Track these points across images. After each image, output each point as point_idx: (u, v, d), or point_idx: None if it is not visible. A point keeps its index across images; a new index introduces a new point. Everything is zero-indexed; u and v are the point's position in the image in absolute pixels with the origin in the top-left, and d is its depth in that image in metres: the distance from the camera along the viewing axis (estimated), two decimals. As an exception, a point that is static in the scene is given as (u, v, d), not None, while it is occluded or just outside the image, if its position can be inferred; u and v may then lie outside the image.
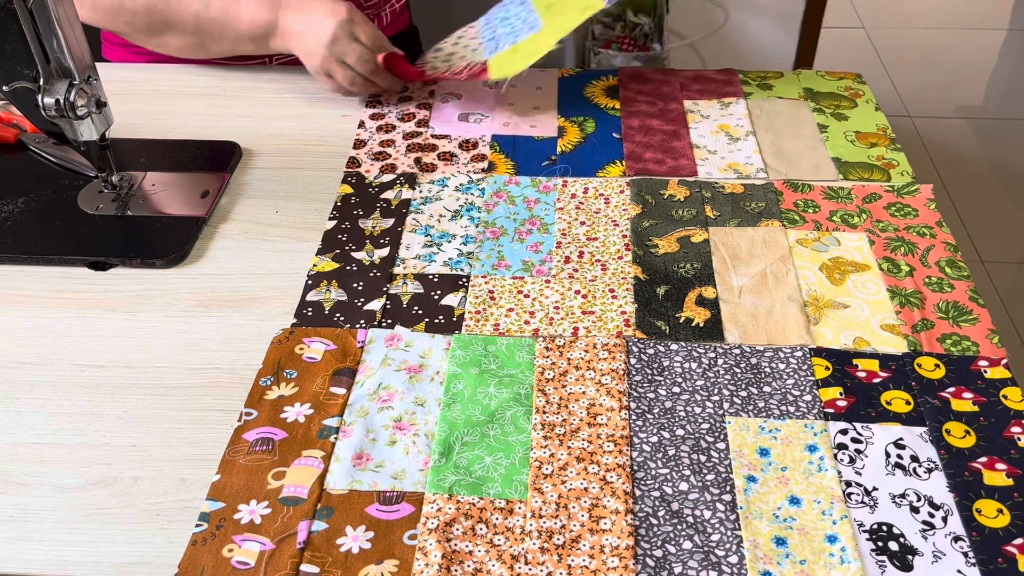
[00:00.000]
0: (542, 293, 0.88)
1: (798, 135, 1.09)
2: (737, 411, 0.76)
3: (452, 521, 0.68)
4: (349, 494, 0.70)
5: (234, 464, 0.72)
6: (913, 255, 0.91)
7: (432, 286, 0.89)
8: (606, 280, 0.89)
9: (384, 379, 0.79)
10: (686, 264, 0.91)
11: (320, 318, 0.85)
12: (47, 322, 0.86)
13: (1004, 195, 2.61)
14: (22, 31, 0.86)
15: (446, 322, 0.85)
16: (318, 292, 0.88)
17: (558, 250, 0.93)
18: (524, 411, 0.76)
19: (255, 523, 0.68)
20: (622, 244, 0.93)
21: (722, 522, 0.68)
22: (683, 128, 1.10)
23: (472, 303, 0.87)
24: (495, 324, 0.85)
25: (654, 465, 0.72)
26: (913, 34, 3.33)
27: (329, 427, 0.75)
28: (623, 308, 0.86)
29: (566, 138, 1.09)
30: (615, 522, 0.68)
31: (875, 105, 1.13)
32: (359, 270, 0.91)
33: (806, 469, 0.72)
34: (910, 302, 0.86)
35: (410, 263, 0.92)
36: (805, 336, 0.82)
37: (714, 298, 0.87)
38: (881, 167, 1.02)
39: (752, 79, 1.19)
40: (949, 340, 0.82)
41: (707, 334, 0.83)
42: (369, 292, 0.88)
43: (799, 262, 0.91)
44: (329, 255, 0.92)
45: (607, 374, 0.79)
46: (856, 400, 0.76)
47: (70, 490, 0.72)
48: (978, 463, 0.72)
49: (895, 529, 0.68)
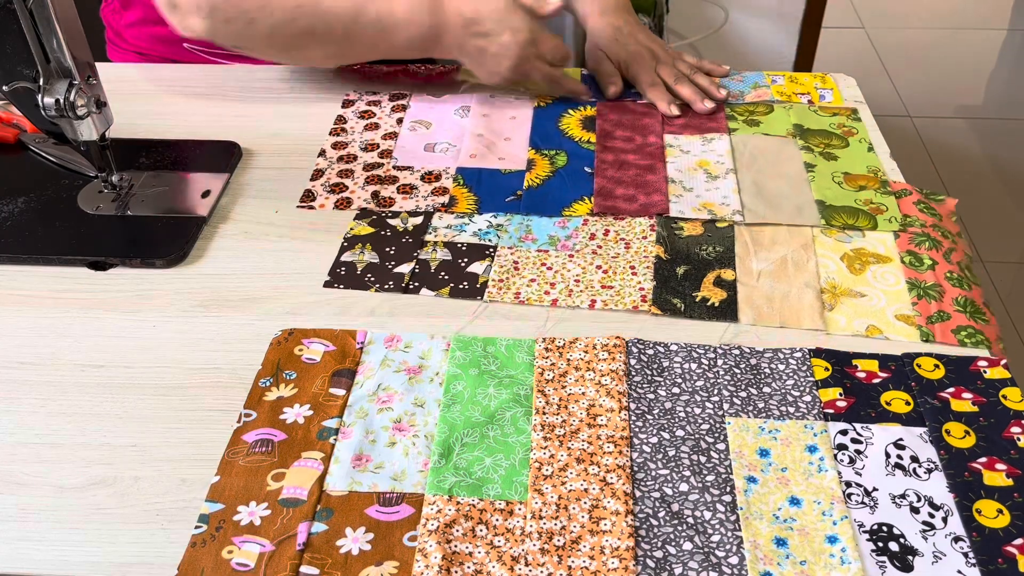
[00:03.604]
0: (564, 267, 0.90)
1: (782, 175, 1.02)
2: (737, 412, 0.76)
3: (452, 522, 0.68)
4: (349, 495, 0.70)
5: (233, 465, 0.72)
6: (938, 251, 0.91)
7: (460, 254, 0.92)
8: (628, 257, 0.91)
9: (383, 380, 0.79)
10: (709, 247, 0.92)
11: (352, 278, 0.89)
12: (47, 322, 0.86)
13: (1004, 195, 2.61)
14: (22, 31, 0.86)
15: (470, 288, 0.88)
16: (352, 253, 0.92)
17: (584, 227, 0.95)
18: (524, 412, 0.76)
19: (255, 525, 0.68)
20: (647, 225, 0.95)
21: (722, 523, 0.68)
22: (659, 162, 1.04)
23: (496, 272, 0.90)
24: (516, 292, 0.88)
25: (654, 466, 0.72)
26: (913, 34, 3.33)
27: (329, 428, 0.75)
28: (641, 284, 0.88)
29: (534, 171, 1.04)
30: (615, 523, 0.68)
31: (868, 145, 1.06)
32: (393, 235, 0.95)
33: (806, 470, 0.72)
34: (928, 294, 0.86)
35: (441, 231, 0.95)
36: (818, 321, 0.83)
37: (732, 280, 0.88)
38: (868, 212, 0.96)
39: (739, 113, 1.13)
40: (964, 332, 0.82)
41: (721, 314, 0.84)
42: (400, 256, 0.92)
43: (821, 251, 0.91)
44: (366, 220, 0.96)
45: (607, 375, 0.79)
46: (856, 400, 0.76)
47: (70, 490, 0.72)
48: (978, 463, 0.72)
49: (895, 529, 0.67)
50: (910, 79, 3.05)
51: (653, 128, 1.10)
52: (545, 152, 1.07)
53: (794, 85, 1.18)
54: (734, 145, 1.07)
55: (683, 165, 1.04)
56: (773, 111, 1.13)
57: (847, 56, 3.16)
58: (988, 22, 3.40)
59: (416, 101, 1.17)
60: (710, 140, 1.08)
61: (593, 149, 1.07)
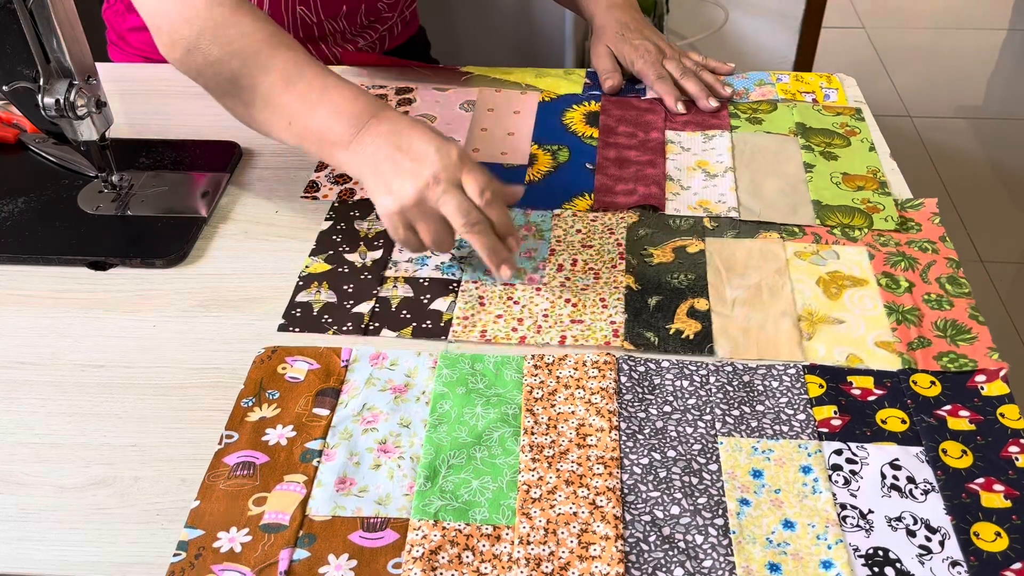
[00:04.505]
0: (532, 300, 0.86)
1: (780, 173, 1.01)
2: (730, 431, 0.74)
3: (438, 549, 0.66)
4: (332, 520, 0.68)
5: (214, 489, 0.70)
6: (913, 270, 0.89)
7: (422, 290, 0.88)
8: (598, 289, 0.87)
9: (369, 399, 0.77)
10: (680, 275, 0.89)
11: (308, 320, 0.84)
12: (47, 322, 0.86)
13: (1004, 195, 2.59)
14: (22, 31, 0.86)
15: (434, 327, 0.84)
16: (308, 293, 0.88)
17: (552, 257, 0.91)
18: (512, 432, 0.74)
19: (235, 551, 0.66)
20: (617, 253, 0.91)
21: (714, 547, 0.66)
22: (660, 157, 1.04)
23: (461, 308, 0.86)
24: (482, 331, 0.83)
25: (645, 488, 0.70)
26: (913, 34, 3.31)
27: (312, 450, 0.73)
28: (612, 318, 0.84)
29: (536, 167, 1.04)
30: (605, 548, 0.66)
31: (870, 145, 1.06)
32: (350, 272, 0.90)
33: (800, 491, 0.70)
34: (907, 319, 0.84)
35: (402, 266, 0.91)
36: (797, 352, 0.81)
37: (706, 310, 0.85)
38: (864, 211, 0.96)
39: (743, 111, 1.12)
40: (946, 358, 0.80)
41: (696, 347, 0.81)
42: (359, 295, 0.87)
43: (795, 275, 0.88)
44: (322, 256, 0.92)
45: (597, 393, 0.77)
46: (851, 419, 0.75)
47: (70, 490, 0.71)
48: (975, 484, 0.70)
49: (891, 554, 0.66)
50: (910, 79, 3.04)
51: (656, 124, 1.10)
52: (548, 147, 1.07)
53: (799, 84, 1.17)
54: (735, 143, 1.07)
55: (682, 164, 1.04)
56: (776, 109, 1.13)
57: (847, 56, 3.15)
58: (988, 22, 3.38)
59: (422, 95, 1.17)
60: (711, 137, 1.08)
61: (595, 145, 1.07)
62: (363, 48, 1.29)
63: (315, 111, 0.88)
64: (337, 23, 1.23)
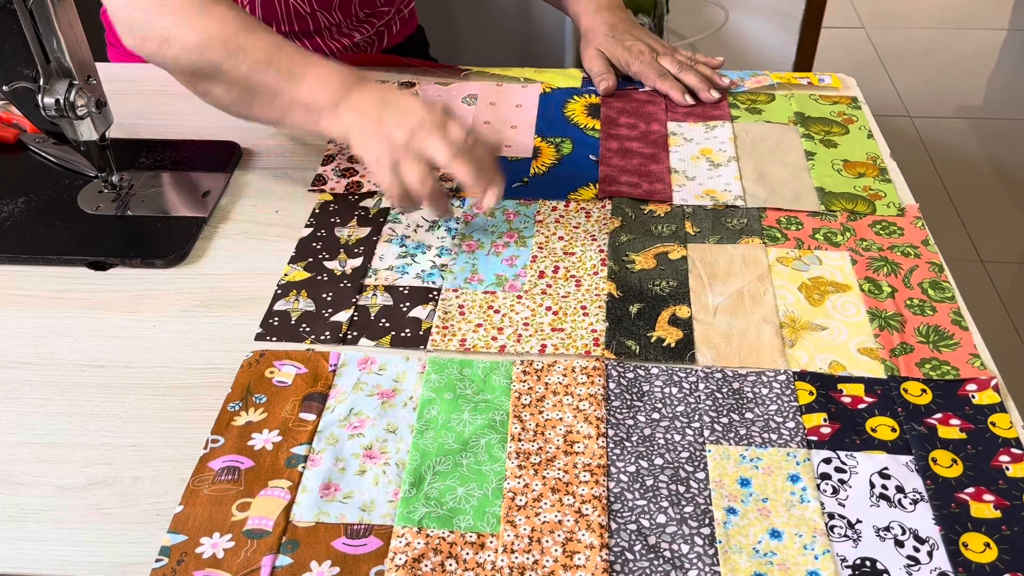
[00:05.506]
0: (512, 308, 0.86)
1: (782, 162, 1.03)
2: (718, 439, 0.74)
3: (421, 556, 0.66)
4: (315, 527, 0.68)
5: (198, 494, 0.70)
6: (896, 275, 0.88)
7: (402, 298, 0.87)
8: (579, 296, 0.87)
9: (356, 404, 0.77)
10: (662, 282, 0.88)
11: (286, 329, 0.84)
12: (47, 322, 0.86)
13: (1004, 195, 2.58)
14: (22, 31, 0.86)
15: (412, 335, 0.83)
16: (286, 302, 0.87)
17: (533, 264, 0.91)
18: (499, 439, 0.74)
19: (217, 557, 0.66)
20: (598, 259, 0.91)
21: (700, 557, 0.66)
22: (663, 151, 1.05)
23: (440, 317, 0.85)
24: (462, 339, 0.82)
25: (631, 496, 0.70)
26: (913, 34, 3.30)
27: (297, 455, 0.73)
28: (593, 326, 0.83)
29: (540, 159, 1.05)
30: (589, 557, 0.65)
31: (868, 132, 1.07)
32: (330, 280, 0.89)
33: (788, 500, 0.69)
34: (890, 325, 0.83)
35: (382, 274, 0.90)
36: (779, 360, 0.80)
37: (688, 318, 0.84)
38: (867, 198, 0.97)
39: (741, 101, 1.14)
40: (928, 365, 0.79)
41: (678, 355, 0.81)
42: (338, 303, 0.87)
43: (778, 281, 0.88)
44: (301, 264, 0.91)
45: (585, 399, 0.77)
46: (841, 427, 0.74)
47: (70, 490, 0.71)
48: (965, 494, 0.69)
49: (879, 564, 0.65)
50: (910, 79, 3.03)
51: (657, 116, 1.11)
52: (551, 140, 1.08)
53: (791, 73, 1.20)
54: (736, 132, 1.08)
55: (686, 154, 1.05)
56: (774, 99, 1.14)
57: (847, 56, 3.14)
58: (988, 22, 3.37)
59: (423, 90, 1.17)
60: (713, 127, 1.09)
61: (598, 137, 1.08)
62: (360, 43, 1.28)
63: (301, 83, 0.91)
64: (332, 15, 1.22)
